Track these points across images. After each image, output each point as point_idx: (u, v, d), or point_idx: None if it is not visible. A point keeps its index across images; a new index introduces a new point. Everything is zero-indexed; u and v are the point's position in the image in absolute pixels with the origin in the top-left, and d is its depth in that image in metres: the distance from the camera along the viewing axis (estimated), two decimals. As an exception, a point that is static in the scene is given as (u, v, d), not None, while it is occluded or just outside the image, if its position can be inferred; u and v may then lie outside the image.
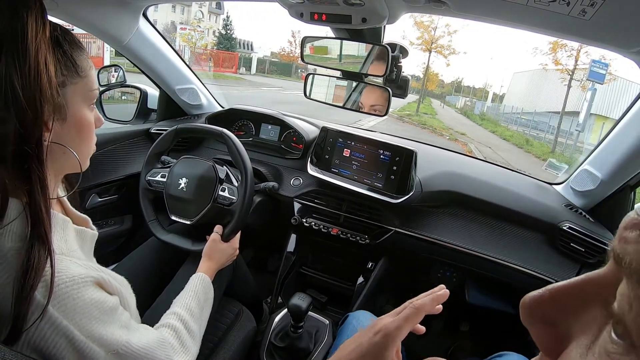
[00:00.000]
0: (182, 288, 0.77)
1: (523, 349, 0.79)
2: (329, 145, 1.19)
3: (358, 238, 1.15)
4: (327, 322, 0.96)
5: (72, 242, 0.50)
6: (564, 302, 0.19)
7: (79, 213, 0.59)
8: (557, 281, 0.24)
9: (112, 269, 1.00)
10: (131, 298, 0.57)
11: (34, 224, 0.42)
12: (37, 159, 0.43)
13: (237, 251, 0.96)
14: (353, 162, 1.16)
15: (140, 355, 0.51)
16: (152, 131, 1.37)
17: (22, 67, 0.40)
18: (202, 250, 0.89)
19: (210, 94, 1.54)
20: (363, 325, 0.82)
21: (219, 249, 0.89)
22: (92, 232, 0.57)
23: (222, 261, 0.89)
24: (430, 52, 19.44)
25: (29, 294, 0.40)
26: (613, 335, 0.15)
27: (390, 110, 0.92)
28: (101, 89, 1.36)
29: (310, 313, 0.91)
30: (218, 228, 0.93)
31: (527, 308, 0.20)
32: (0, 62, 0.39)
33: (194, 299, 0.73)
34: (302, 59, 0.93)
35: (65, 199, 0.57)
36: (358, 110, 0.99)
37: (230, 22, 25.94)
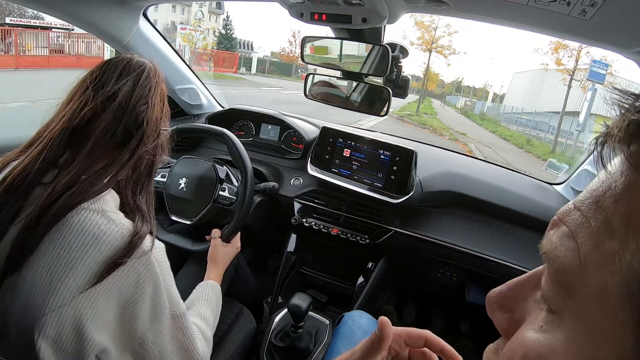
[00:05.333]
0: (183, 288, 0.77)
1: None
2: (329, 145, 1.19)
3: (358, 238, 1.15)
4: (327, 322, 0.96)
5: None
6: (518, 292, 0.23)
7: None
8: None
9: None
10: None
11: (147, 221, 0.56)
12: (151, 173, 0.61)
13: (239, 248, 0.96)
14: (353, 162, 1.15)
15: (189, 326, 0.59)
16: (152, 131, 1.37)
17: (156, 102, 0.59)
18: (202, 250, 0.89)
19: (211, 94, 1.54)
20: (359, 324, 0.82)
21: (223, 253, 0.89)
22: None
23: (228, 262, 0.90)
24: (430, 52, 19.39)
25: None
26: (543, 308, 0.20)
27: (391, 110, 0.92)
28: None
29: (310, 313, 0.91)
30: (216, 232, 0.92)
31: (492, 300, 0.24)
32: (152, 101, 0.59)
33: (207, 307, 0.74)
34: (302, 59, 0.93)
35: None
36: (358, 110, 0.99)
37: (230, 22, 25.90)
